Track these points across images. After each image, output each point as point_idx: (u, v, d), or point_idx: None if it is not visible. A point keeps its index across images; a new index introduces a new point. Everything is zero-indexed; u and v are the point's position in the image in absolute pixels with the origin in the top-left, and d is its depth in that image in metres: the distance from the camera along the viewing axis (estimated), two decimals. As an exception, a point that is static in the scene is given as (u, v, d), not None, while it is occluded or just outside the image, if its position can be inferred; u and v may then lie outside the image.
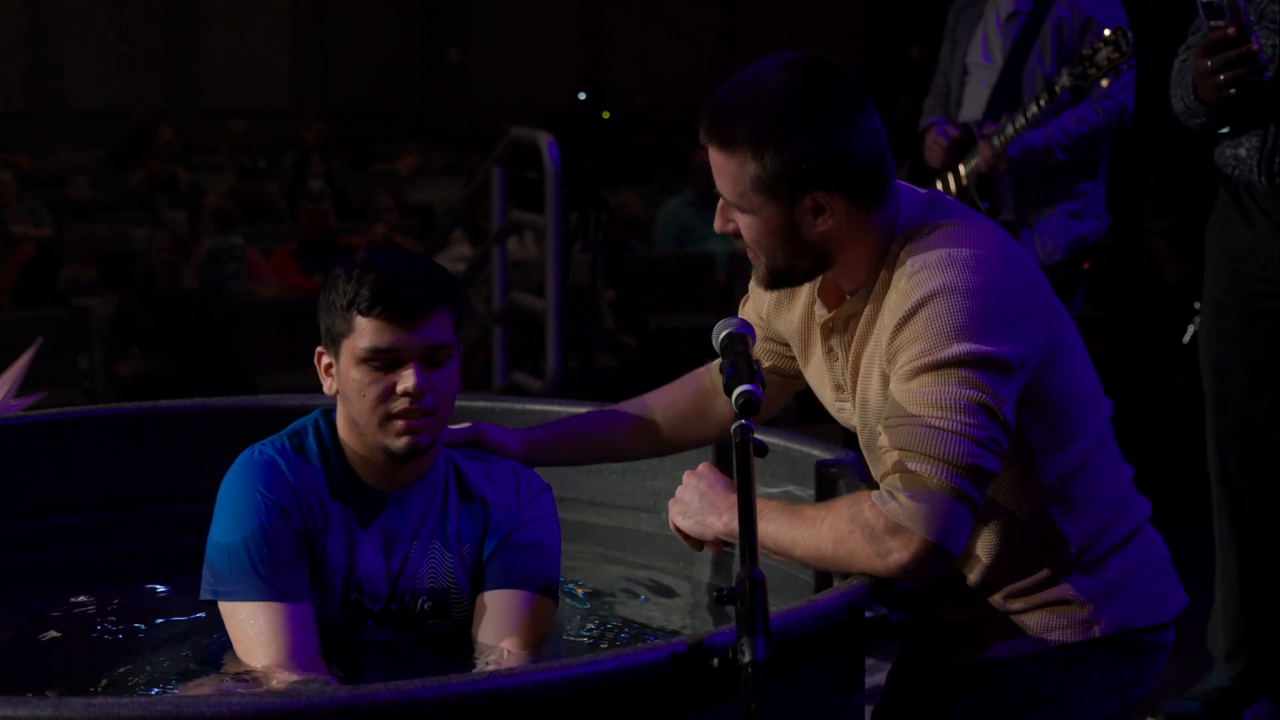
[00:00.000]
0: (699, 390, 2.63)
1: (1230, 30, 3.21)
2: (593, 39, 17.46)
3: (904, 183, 2.30)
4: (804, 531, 2.16)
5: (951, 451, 2.07)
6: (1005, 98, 4.65)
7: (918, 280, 2.15)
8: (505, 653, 2.41)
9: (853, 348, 2.29)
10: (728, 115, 2.19)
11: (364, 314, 2.35)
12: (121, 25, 15.95)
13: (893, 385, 2.16)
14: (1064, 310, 2.31)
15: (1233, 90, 3.24)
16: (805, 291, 2.39)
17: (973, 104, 4.77)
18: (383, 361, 2.36)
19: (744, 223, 2.23)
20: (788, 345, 2.49)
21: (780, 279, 2.29)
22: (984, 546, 2.28)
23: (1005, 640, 2.30)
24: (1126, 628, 2.30)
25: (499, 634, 2.43)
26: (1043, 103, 4.47)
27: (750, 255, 2.29)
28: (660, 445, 2.68)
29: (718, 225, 2.27)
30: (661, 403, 2.64)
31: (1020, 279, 2.19)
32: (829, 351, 2.33)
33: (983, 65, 4.76)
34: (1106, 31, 4.35)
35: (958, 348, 2.10)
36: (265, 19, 16.58)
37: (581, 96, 6.81)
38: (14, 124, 14.89)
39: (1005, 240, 2.25)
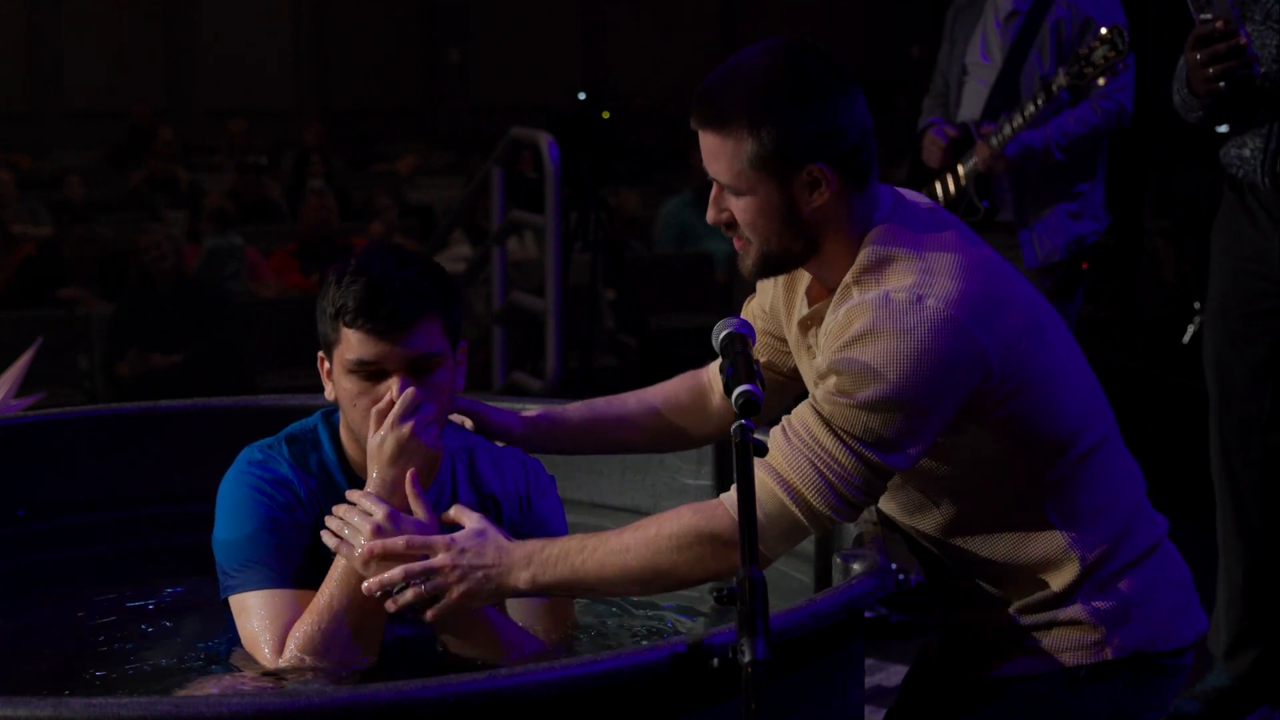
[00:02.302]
0: (697, 386, 2.63)
1: (1219, 24, 3.21)
2: (593, 39, 17.47)
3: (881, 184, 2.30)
4: (633, 540, 2.17)
5: (810, 487, 2.14)
6: (1004, 97, 4.65)
7: (854, 314, 2.15)
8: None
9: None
10: (720, 98, 2.20)
11: (348, 325, 2.34)
12: (121, 25, 15.95)
13: (812, 393, 2.19)
14: (1045, 314, 2.27)
15: (1222, 84, 3.25)
16: (801, 289, 2.38)
17: (971, 104, 4.77)
18: (368, 372, 2.35)
19: (740, 206, 2.22)
20: (785, 341, 2.50)
21: (770, 264, 2.27)
22: (990, 549, 2.27)
23: (1016, 658, 2.29)
24: (1142, 651, 2.29)
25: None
26: (1040, 102, 4.46)
27: (739, 245, 2.27)
28: (659, 440, 2.68)
29: (710, 216, 2.26)
30: (661, 397, 2.64)
31: (961, 314, 2.13)
32: (808, 348, 2.34)
33: (981, 65, 4.76)
34: (1103, 30, 4.35)
35: (870, 393, 2.10)
36: (265, 19, 16.59)
37: (581, 96, 6.81)
38: (14, 124, 14.89)
39: (961, 267, 2.17)
